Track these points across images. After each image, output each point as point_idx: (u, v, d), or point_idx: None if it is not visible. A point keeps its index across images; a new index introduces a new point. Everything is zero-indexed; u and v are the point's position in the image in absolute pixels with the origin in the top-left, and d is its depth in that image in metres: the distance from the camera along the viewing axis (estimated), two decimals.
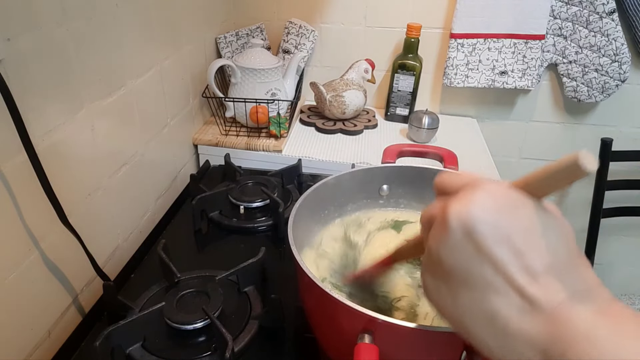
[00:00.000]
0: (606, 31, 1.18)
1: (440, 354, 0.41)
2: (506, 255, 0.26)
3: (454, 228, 0.27)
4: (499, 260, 0.26)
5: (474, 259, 0.27)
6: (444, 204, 0.29)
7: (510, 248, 0.26)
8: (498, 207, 0.27)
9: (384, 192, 0.68)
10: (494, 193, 0.28)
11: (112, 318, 0.60)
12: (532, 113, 1.39)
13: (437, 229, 0.29)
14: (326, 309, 0.46)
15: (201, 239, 0.78)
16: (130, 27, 0.74)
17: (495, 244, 0.26)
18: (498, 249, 0.26)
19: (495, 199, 0.27)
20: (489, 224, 0.26)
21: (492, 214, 0.27)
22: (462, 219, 0.27)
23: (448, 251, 0.28)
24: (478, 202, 0.27)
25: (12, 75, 0.49)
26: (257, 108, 1.07)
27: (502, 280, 0.26)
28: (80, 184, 0.65)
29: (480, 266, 0.27)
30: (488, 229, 0.26)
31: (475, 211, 0.27)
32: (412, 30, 1.20)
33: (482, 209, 0.27)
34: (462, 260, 0.27)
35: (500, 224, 0.27)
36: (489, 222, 0.26)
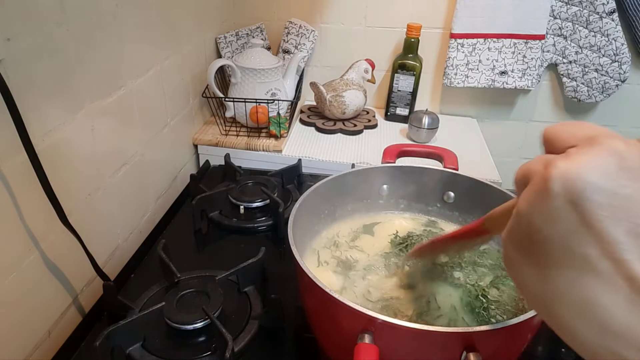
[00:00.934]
0: (606, 31, 1.18)
1: (440, 354, 0.41)
2: (622, 234, 0.20)
3: (556, 191, 0.22)
4: (612, 239, 0.21)
5: (577, 233, 0.21)
6: (549, 160, 0.23)
7: (629, 226, 0.20)
8: (621, 171, 0.21)
9: (384, 192, 0.68)
10: (619, 153, 0.21)
11: (112, 318, 0.59)
12: (532, 113, 1.39)
13: (533, 189, 0.23)
14: (326, 309, 0.46)
15: (201, 239, 0.78)
16: (130, 27, 0.74)
17: (610, 219, 0.21)
18: (611, 224, 0.21)
19: (620, 161, 0.21)
20: (605, 192, 0.21)
21: (609, 179, 0.21)
22: (570, 181, 0.21)
23: (544, 219, 0.23)
24: (595, 162, 0.21)
25: (12, 75, 0.49)
26: (257, 108, 1.07)
27: (610, 265, 0.21)
28: (80, 184, 0.65)
29: (585, 243, 0.21)
30: (603, 199, 0.21)
31: (589, 173, 0.21)
32: (412, 30, 1.20)
33: (599, 171, 0.21)
34: (561, 233, 0.22)
35: (622, 194, 0.21)
36: (606, 189, 0.21)
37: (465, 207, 0.66)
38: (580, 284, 0.22)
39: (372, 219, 0.68)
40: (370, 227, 0.66)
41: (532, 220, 0.23)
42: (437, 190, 0.66)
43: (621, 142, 0.22)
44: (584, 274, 0.22)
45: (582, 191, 0.21)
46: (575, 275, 0.22)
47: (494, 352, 0.42)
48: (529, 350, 0.50)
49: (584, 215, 0.21)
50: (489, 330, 0.39)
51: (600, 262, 0.21)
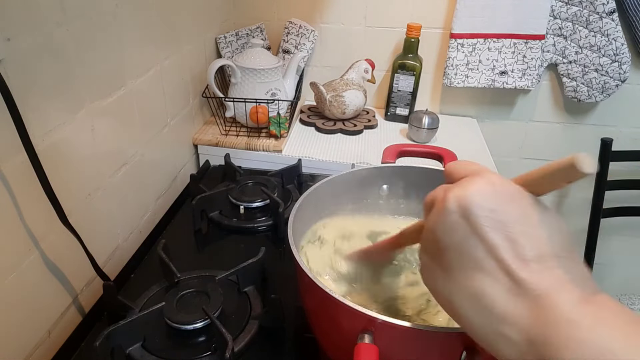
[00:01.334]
0: (606, 31, 1.18)
1: (440, 354, 0.41)
2: (500, 239, 0.28)
3: (452, 209, 0.29)
4: (492, 242, 0.28)
5: (468, 239, 0.28)
6: (447, 187, 0.31)
7: (504, 233, 0.28)
8: (496, 194, 0.29)
9: (384, 192, 0.68)
10: (493, 182, 0.29)
11: (112, 318, 0.60)
12: (532, 113, 1.39)
13: (436, 209, 0.31)
14: (326, 309, 0.46)
15: (201, 239, 0.78)
16: (130, 27, 0.74)
17: (490, 228, 0.28)
18: (492, 232, 0.28)
19: (494, 187, 0.29)
20: (485, 209, 0.28)
21: (490, 200, 0.28)
22: (461, 201, 0.29)
23: (444, 230, 0.30)
24: (477, 188, 0.29)
25: (12, 75, 0.49)
26: (257, 108, 1.07)
27: (493, 262, 0.28)
28: (80, 184, 0.65)
29: (474, 246, 0.28)
30: (484, 213, 0.28)
31: (474, 195, 0.29)
32: (412, 30, 1.20)
33: (480, 194, 0.29)
34: (457, 239, 0.29)
35: (497, 210, 0.28)
36: (486, 206, 0.28)
37: None
38: (473, 280, 0.29)
39: (375, 226, 0.66)
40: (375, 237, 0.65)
41: (437, 233, 0.31)
42: None
43: (496, 176, 0.30)
44: (475, 272, 0.28)
45: (470, 207, 0.28)
46: (469, 273, 0.29)
47: None
48: None
49: (472, 226, 0.28)
50: None
51: (486, 262, 0.28)
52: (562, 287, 0.26)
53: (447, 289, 0.31)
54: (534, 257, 0.27)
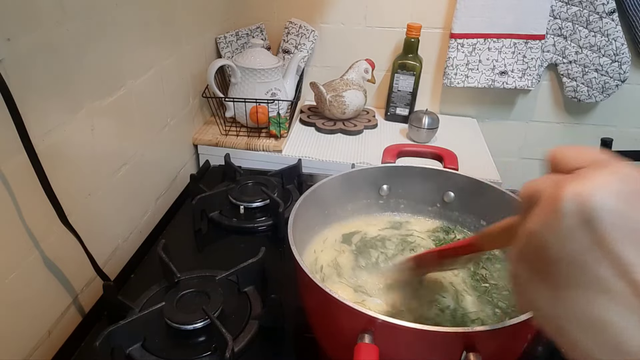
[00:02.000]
0: (606, 31, 1.18)
1: (440, 354, 0.41)
2: (635, 256, 0.21)
3: (569, 211, 0.22)
4: (625, 259, 0.21)
5: (590, 253, 0.22)
6: (558, 181, 0.24)
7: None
8: (631, 194, 0.22)
9: (384, 192, 0.68)
10: (626, 177, 0.22)
11: (112, 318, 0.59)
12: (532, 113, 1.39)
13: (544, 209, 0.24)
14: (326, 309, 0.46)
15: (201, 239, 0.78)
16: (130, 27, 0.74)
17: (622, 239, 0.21)
18: (625, 245, 0.21)
19: (628, 184, 0.22)
20: (616, 213, 0.21)
21: (622, 201, 0.21)
22: (582, 202, 0.22)
23: (556, 239, 0.23)
24: (605, 184, 0.22)
25: (12, 75, 0.49)
26: (257, 108, 1.07)
27: (624, 284, 0.21)
28: (80, 184, 0.65)
29: (598, 263, 0.22)
30: (615, 219, 0.21)
31: (601, 195, 0.22)
32: (412, 30, 1.20)
33: (610, 193, 0.22)
34: (574, 253, 0.22)
35: (631, 215, 0.21)
36: (617, 210, 0.21)
37: (465, 207, 0.66)
38: (594, 305, 0.22)
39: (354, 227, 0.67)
40: (349, 237, 0.64)
41: (545, 240, 0.23)
42: (437, 190, 0.66)
43: (628, 167, 0.23)
44: (598, 294, 0.22)
45: (596, 211, 0.21)
46: (589, 296, 0.22)
47: (494, 352, 0.42)
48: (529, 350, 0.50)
49: (598, 236, 0.21)
50: (489, 330, 0.39)
51: (614, 283, 0.21)
52: None
53: (554, 311, 0.24)
54: None
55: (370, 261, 0.60)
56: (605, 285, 0.22)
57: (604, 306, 0.22)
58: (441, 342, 0.40)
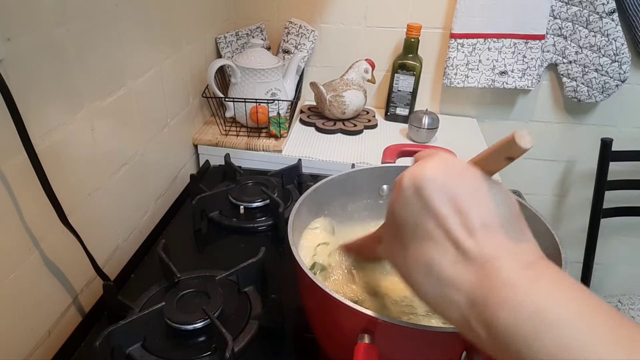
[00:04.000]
0: (606, 31, 1.18)
1: (440, 354, 0.41)
2: (448, 210, 0.30)
3: (406, 186, 0.31)
4: (441, 214, 0.30)
5: (420, 213, 0.31)
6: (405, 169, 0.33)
7: (452, 205, 0.30)
8: (447, 171, 0.31)
9: (384, 192, 0.68)
10: (445, 160, 0.32)
11: (112, 318, 0.60)
12: (532, 113, 1.39)
13: (394, 190, 0.33)
14: (326, 309, 0.46)
15: (201, 239, 0.78)
16: (130, 27, 0.74)
17: (440, 201, 0.30)
18: (441, 205, 0.30)
19: (446, 165, 0.31)
20: (436, 183, 0.30)
21: (441, 175, 0.31)
22: (414, 178, 0.31)
23: (400, 207, 0.32)
24: (430, 165, 0.31)
25: (12, 75, 0.49)
26: (257, 108, 1.07)
27: (442, 232, 0.30)
28: (80, 184, 0.65)
29: (425, 219, 0.30)
30: (435, 187, 0.30)
31: (426, 172, 0.31)
32: (412, 30, 1.20)
33: (432, 170, 0.31)
34: (410, 214, 0.31)
35: (447, 184, 0.30)
36: (437, 181, 0.30)
37: None
38: (424, 250, 0.31)
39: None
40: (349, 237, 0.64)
41: (394, 210, 0.33)
42: None
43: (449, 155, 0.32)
44: (427, 242, 0.30)
45: (422, 183, 0.31)
46: (422, 245, 0.31)
47: None
48: None
49: (424, 200, 0.30)
50: None
51: (435, 231, 0.30)
52: (505, 254, 0.29)
53: (404, 263, 0.32)
54: (480, 226, 0.29)
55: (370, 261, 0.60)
56: (431, 235, 0.30)
57: (430, 250, 0.30)
58: (441, 342, 0.40)
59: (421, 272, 0.31)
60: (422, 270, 0.31)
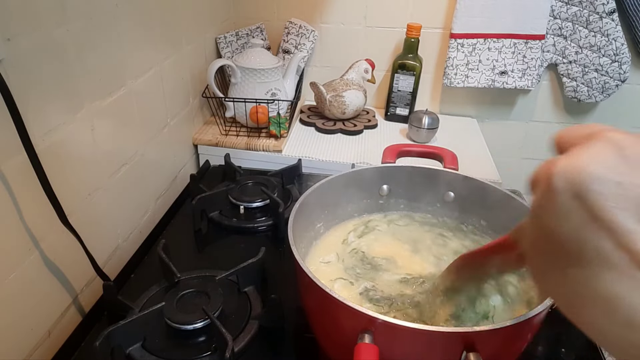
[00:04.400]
0: (606, 31, 1.18)
1: (440, 354, 0.41)
2: (633, 223, 0.20)
3: (560, 188, 0.22)
4: (623, 230, 0.20)
5: (587, 227, 0.21)
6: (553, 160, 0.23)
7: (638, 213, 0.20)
8: (623, 161, 0.21)
9: (384, 192, 0.68)
10: (617, 143, 0.21)
11: (112, 318, 0.59)
12: (532, 113, 1.39)
13: (540, 191, 0.23)
14: (326, 309, 0.46)
15: (201, 239, 0.78)
16: (130, 27, 0.74)
17: (618, 209, 0.20)
18: (621, 214, 0.20)
19: (619, 150, 0.21)
20: (608, 183, 0.20)
21: (614, 169, 0.20)
22: (571, 175, 0.21)
23: (554, 218, 0.22)
24: (595, 155, 0.21)
25: (12, 75, 0.49)
26: (257, 108, 1.07)
27: (625, 255, 0.20)
28: (80, 184, 0.65)
29: (597, 237, 0.21)
30: (607, 189, 0.20)
31: (590, 166, 0.21)
32: (412, 30, 1.20)
33: (600, 163, 0.21)
34: (573, 229, 0.22)
35: (626, 182, 0.20)
36: (609, 179, 0.20)
37: (465, 207, 0.66)
38: (599, 280, 0.21)
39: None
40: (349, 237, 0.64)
41: (544, 221, 0.23)
42: (437, 190, 0.66)
43: (619, 133, 0.22)
44: (601, 269, 0.21)
45: (585, 183, 0.21)
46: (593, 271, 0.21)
47: (494, 352, 0.42)
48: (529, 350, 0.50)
49: (591, 208, 0.21)
50: (489, 330, 0.39)
51: (615, 255, 0.20)
52: None
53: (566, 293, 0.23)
54: None
55: (370, 261, 0.60)
56: (607, 259, 0.21)
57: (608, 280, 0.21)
58: (441, 342, 0.40)
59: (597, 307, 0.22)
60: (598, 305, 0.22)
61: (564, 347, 0.57)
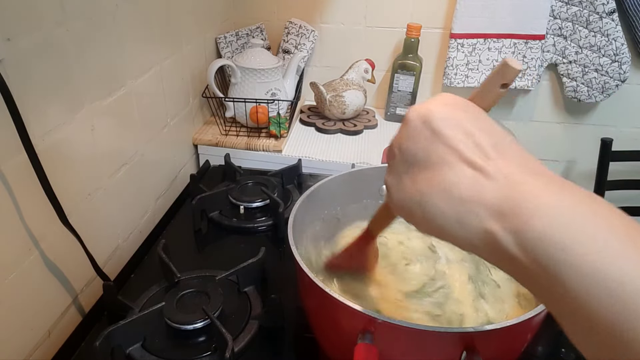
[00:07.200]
0: (606, 31, 1.18)
1: (440, 354, 0.41)
2: (458, 135, 0.31)
3: (414, 120, 0.33)
4: (452, 139, 0.31)
5: (431, 141, 0.31)
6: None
7: (462, 130, 0.31)
8: (450, 105, 0.33)
9: (384, 192, 0.67)
10: (446, 97, 0.34)
11: (112, 318, 0.60)
12: (532, 113, 1.39)
13: (399, 130, 0.34)
14: (326, 309, 0.46)
15: (201, 239, 0.78)
16: (130, 27, 0.74)
17: (449, 127, 0.31)
18: (451, 130, 0.31)
19: (447, 100, 0.33)
20: (442, 113, 0.32)
21: (446, 108, 0.32)
22: (421, 113, 0.33)
23: (409, 140, 0.33)
24: (433, 101, 0.33)
25: (12, 75, 0.49)
26: (257, 108, 1.07)
27: (456, 155, 0.30)
28: (80, 184, 0.65)
29: (437, 146, 0.31)
30: (442, 116, 0.32)
31: (431, 106, 0.33)
32: (412, 30, 1.20)
33: (437, 105, 0.33)
34: (421, 145, 0.32)
35: (452, 115, 0.32)
36: (443, 112, 0.32)
37: None
38: (441, 175, 0.31)
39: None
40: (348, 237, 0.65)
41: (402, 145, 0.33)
42: None
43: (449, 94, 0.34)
44: (441, 167, 0.31)
45: (429, 114, 0.32)
46: (436, 170, 0.31)
47: (494, 352, 0.42)
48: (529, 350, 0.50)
49: (433, 128, 0.31)
50: (489, 330, 0.39)
51: (449, 156, 0.31)
52: (522, 169, 0.30)
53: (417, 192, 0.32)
54: (491, 145, 0.30)
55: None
56: (444, 160, 0.31)
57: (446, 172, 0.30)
58: (441, 342, 0.40)
59: (439, 197, 0.30)
60: (439, 195, 0.30)
61: (564, 347, 0.57)
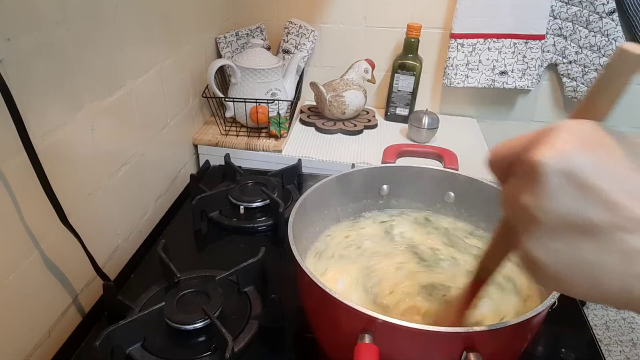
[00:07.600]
0: (606, 31, 1.18)
1: (440, 354, 0.41)
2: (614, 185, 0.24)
3: (550, 172, 0.24)
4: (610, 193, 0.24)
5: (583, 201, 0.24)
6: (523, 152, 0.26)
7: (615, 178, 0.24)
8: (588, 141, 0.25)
9: (384, 192, 0.68)
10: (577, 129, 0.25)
11: (112, 318, 0.59)
12: (532, 113, 1.39)
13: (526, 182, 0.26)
14: (326, 309, 0.46)
15: (201, 239, 0.78)
16: (130, 27, 0.74)
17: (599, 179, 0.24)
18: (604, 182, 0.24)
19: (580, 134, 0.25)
20: (585, 159, 0.24)
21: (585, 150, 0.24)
22: (559, 165, 0.24)
23: (552, 201, 0.25)
24: (566, 140, 0.25)
25: (12, 75, 0.49)
26: (257, 108, 1.07)
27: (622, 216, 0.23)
28: (80, 184, 0.65)
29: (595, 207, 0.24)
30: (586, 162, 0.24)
31: (568, 150, 0.24)
32: (412, 30, 1.20)
33: (574, 146, 0.24)
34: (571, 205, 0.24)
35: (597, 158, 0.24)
36: (586, 158, 0.24)
37: (465, 207, 0.66)
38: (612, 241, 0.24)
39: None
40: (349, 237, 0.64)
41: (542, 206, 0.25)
42: (437, 190, 0.66)
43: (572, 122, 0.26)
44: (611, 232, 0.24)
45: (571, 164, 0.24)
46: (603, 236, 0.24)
47: (494, 352, 0.42)
48: (529, 350, 0.50)
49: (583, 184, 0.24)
50: (489, 330, 0.39)
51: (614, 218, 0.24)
52: None
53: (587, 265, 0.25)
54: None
55: (370, 262, 0.60)
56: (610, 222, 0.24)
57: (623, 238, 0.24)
58: (441, 342, 0.40)
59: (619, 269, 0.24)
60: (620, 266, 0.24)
61: (564, 347, 0.57)
